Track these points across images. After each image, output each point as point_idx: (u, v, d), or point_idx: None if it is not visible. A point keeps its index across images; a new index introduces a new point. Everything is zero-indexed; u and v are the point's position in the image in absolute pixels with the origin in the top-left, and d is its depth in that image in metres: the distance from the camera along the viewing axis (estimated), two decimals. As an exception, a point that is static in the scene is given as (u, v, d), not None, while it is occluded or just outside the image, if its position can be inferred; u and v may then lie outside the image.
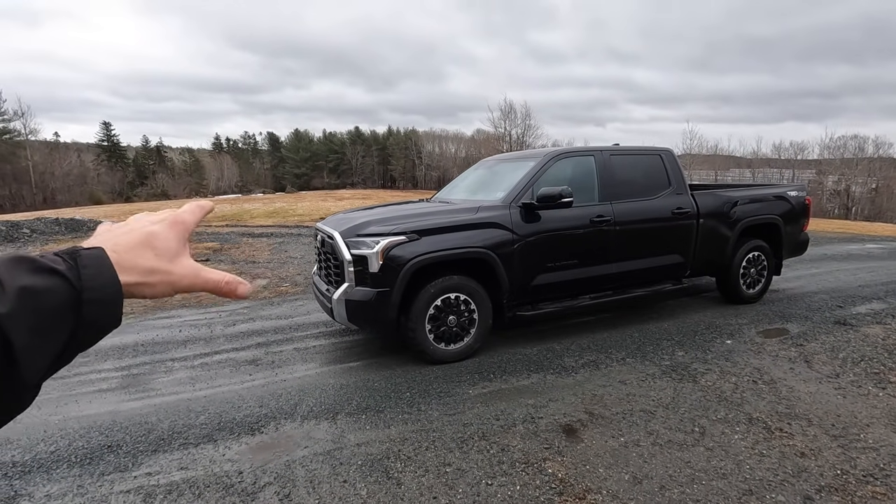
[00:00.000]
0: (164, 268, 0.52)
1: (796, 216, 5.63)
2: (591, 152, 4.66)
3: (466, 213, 4.01)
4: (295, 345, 4.36)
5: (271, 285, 6.61)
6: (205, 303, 5.83)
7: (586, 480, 2.39)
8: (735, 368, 3.68)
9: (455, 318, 3.84)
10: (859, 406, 3.10)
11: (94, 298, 0.45)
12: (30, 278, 0.42)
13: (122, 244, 0.51)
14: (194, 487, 2.39)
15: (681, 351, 4.05)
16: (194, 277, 0.54)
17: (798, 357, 3.90)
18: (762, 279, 5.46)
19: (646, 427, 2.87)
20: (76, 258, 0.46)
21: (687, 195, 4.90)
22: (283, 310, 5.49)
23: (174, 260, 0.53)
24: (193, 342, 4.48)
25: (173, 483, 2.43)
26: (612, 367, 3.74)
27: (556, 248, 4.19)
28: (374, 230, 3.72)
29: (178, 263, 0.54)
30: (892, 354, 3.92)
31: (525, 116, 54.58)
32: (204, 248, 9.35)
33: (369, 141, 75.29)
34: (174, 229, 0.56)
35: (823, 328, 4.57)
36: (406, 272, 3.60)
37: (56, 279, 0.43)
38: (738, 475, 2.41)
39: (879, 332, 4.46)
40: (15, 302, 0.40)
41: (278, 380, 3.64)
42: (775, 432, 2.79)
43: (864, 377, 3.52)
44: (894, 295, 5.79)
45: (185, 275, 0.53)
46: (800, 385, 3.40)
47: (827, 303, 5.44)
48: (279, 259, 8.46)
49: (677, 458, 2.56)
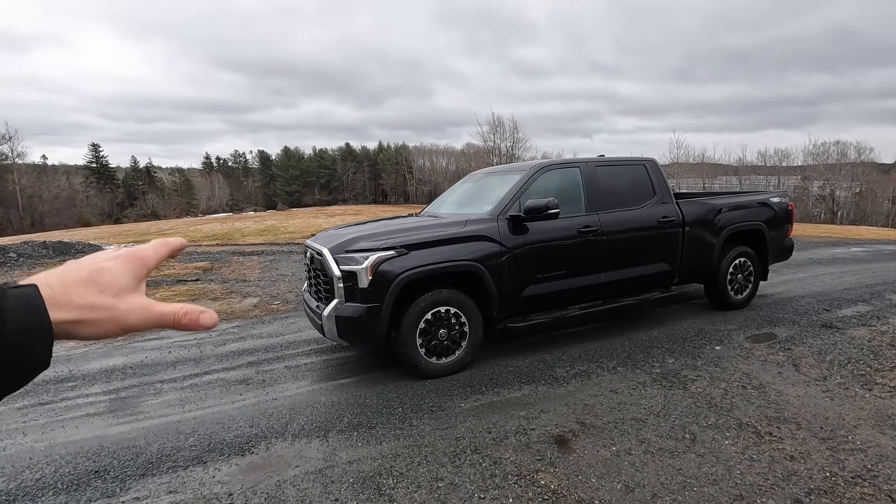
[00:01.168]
0: (107, 303, 0.49)
1: (780, 222, 5.73)
2: (577, 164, 4.73)
3: (455, 226, 4.04)
4: (286, 363, 4.34)
5: (262, 303, 6.58)
6: (195, 323, 5.78)
7: (579, 491, 2.39)
8: (724, 374, 3.71)
9: (446, 332, 3.85)
10: (847, 408, 3.13)
11: (11, 342, 0.42)
12: None
13: (62, 280, 0.48)
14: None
15: (671, 358, 4.08)
16: (145, 312, 0.51)
17: (786, 361, 3.94)
18: (749, 285, 5.53)
19: (637, 435, 2.88)
20: (3, 297, 0.43)
21: (672, 204, 4.98)
22: (274, 328, 5.46)
23: (121, 295, 0.50)
24: (183, 363, 4.44)
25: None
26: (603, 377, 3.76)
27: (545, 260, 4.23)
28: (363, 245, 3.73)
29: (125, 299, 0.50)
30: (877, 356, 3.97)
31: (513, 129, 55.19)
32: (194, 267, 9.30)
33: (360, 157, 75.61)
34: (128, 264, 0.52)
35: (810, 332, 4.63)
36: (395, 287, 3.61)
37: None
38: (729, 481, 2.43)
39: (865, 334, 4.52)
40: None
41: (269, 399, 3.62)
42: (765, 437, 2.81)
43: (850, 379, 3.56)
44: (879, 297, 5.88)
45: (133, 310, 0.50)
46: (788, 389, 3.43)
47: (813, 306, 5.51)
48: (270, 277, 8.43)
49: (669, 466, 2.57)
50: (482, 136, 55.84)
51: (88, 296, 0.48)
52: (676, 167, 48.68)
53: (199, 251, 11.68)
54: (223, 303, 6.68)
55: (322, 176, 73.88)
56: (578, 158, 4.88)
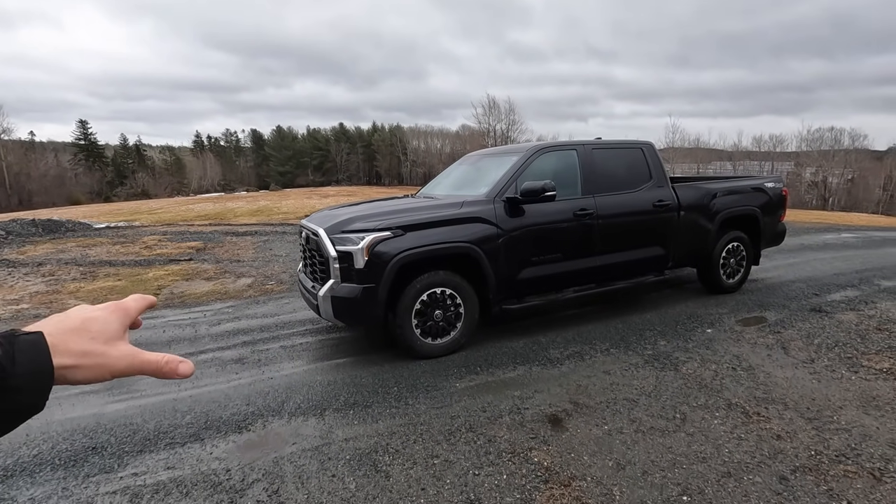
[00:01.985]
0: (98, 350, 0.53)
1: (774, 207, 5.76)
2: (574, 146, 4.71)
3: (451, 208, 4.03)
4: (281, 343, 4.35)
5: (256, 284, 6.56)
6: (188, 303, 5.77)
7: (571, 468, 2.44)
8: (715, 356, 3.77)
9: (441, 313, 3.87)
10: (833, 389, 3.21)
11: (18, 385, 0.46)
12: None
13: (59, 328, 0.52)
14: (182, 486, 2.39)
15: (663, 340, 4.13)
16: (131, 359, 0.55)
17: (775, 344, 4.00)
18: (741, 269, 5.59)
19: (629, 415, 2.94)
20: (14, 343, 0.47)
21: (668, 188, 4.99)
22: (268, 308, 5.46)
23: (110, 343, 0.54)
24: (178, 342, 4.44)
25: (160, 483, 2.43)
26: (597, 358, 3.81)
27: (541, 242, 4.24)
28: (358, 226, 3.72)
29: (114, 346, 0.54)
30: (864, 339, 4.05)
31: (509, 112, 54.83)
32: (187, 247, 9.24)
33: (354, 138, 74.83)
34: (115, 314, 0.57)
35: (800, 315, 4.70)
36: (392, 268, 3.62)
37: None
38: (718, 458, 2.49)
39: (853, 318, 4.60)
40: None
41: (265, 378, 3.64)
42: (753, 416, 2.88)
43: (837, 362, 3.64)
44: (868, 282, 5.97)
45: (122, 356, 0.54)
46: (777, 371, 3.50)
47: (803, 291, 5.59)
48: (264, 257, 8.40)
49: (659, 444, 2.62)
50: (477, 118, 55.52)
51: (82, 343, 0.52)
52: (672, 152, 48.65)
53: (191, 231, 11.59)
54: (217, 283, 6.66)
55: (315, 157, 73.14)
56: (575, 141, 4.86)
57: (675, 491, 2.25)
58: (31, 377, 0.47)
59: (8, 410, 0.46)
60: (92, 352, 0.53)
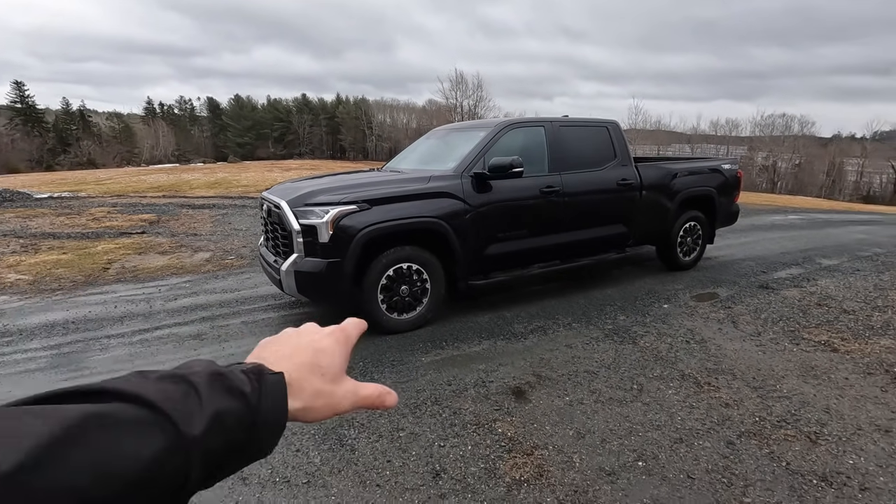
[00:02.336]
0: (327, 390, 0.48)
1: (729, 188, 5.99)
2: (542, 123, 4.71)
3: (418, 182, 3.97)
4: (243, 318, 4.24)
5: (215, 258, 6.34)
6: (142, 277, 5.52)
7: (534, 438, 2.51)
8: (671, 330, 3.93)
9: (408, 289, 3.85)
10: (776, 360, 3.41)
11: (262, 428, 0.41)
12: (222, 401, 0.39)
13: (295, 363, 0.47)
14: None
15: (623, 315, 4.27)
16: (354, 396, 0.50)
17: (726, 318, 4.21)
18: (697, 247, 5.81)
19: (589, 386, 3.04)
20: (261, 382, 0.43)
21: (631, 167, 5.09)
22: (228, 283, 5.29)
23: (337, 380, 0.49)
24: (131, 318, 4.25)
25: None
26: (559, 333, 3.90)
27: (508, 219, 4.25)
28: (323, 199, 3.62)
29: (340, 384, 0.49)
30: (805, 314, 4.31)
31: (476, 88, 54.34)
32: (139, 219, 8.80)
33: (317, 109, 72.50)
34: (340, 346, 0.52)
35: (749, 292, 4.95)
36: (357, 242, 3.55)
37: (240, 403, 0.40)
38: (671, 426, 2.61)
39: (796, 294, 4.89)
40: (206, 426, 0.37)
41: (226, 354, 3.54)
42: (704, 386, 3.03)
43: (781, 335, 3.87)
44: (810, 261, 6.34)
45: (346, 395, 0.49)
46: (727, 343, 3.69)
47: (752, 269, 5.88)
48: (223, 231, 8.10)
49: (617, 414, 2.73)
50: (444, 93, 54.78)
51: (315, 382, 0.48)
52: (634, 133, 49.67)
53: (144, 203, 11.03)
54: (172, 257, 6.39)
55: (276, 128, 70.56)
56: (543, 118, 4.85)
57: (631, 457, 2.36)
58: (271, 423, 0.42)
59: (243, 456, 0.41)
60: (322, 392, 0.47)
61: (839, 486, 2.15)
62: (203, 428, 0.37)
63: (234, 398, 0.40)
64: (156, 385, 0.38)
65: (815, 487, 2.14)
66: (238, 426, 0.40)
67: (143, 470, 0.33)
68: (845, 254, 6.85)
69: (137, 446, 0.33)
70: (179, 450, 0.35)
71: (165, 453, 0.34)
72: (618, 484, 2.18)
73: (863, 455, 2.36)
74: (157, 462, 0.34)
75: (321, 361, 0.49)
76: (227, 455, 0.39)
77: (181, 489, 0.36)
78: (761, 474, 2.23)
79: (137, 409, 0.35)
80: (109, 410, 0.34)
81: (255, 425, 0.41)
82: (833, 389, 3.00)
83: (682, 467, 2.28)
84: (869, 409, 2.77)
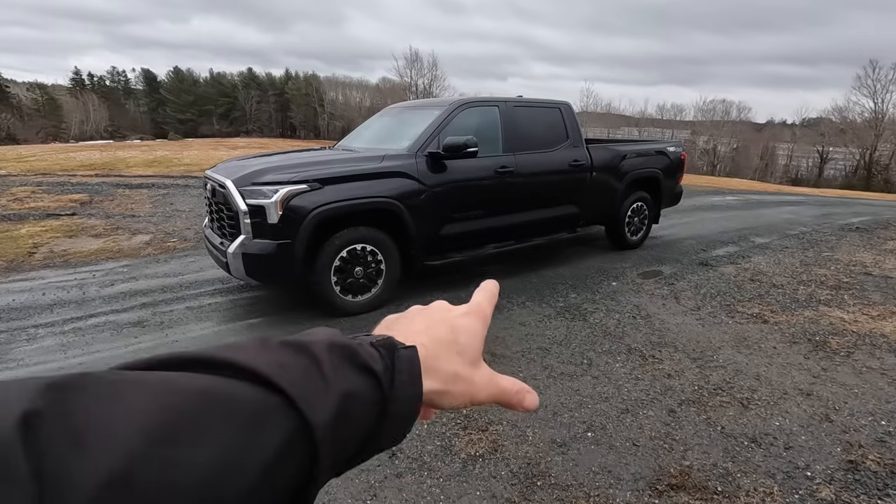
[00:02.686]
0: (467, 374, 0.41)
1: (674, 170, 6.24)
2: (496, 103, 4.70)
3: (371, 161, 3.88)
4: (187, 303, 4.04)
5: (155, 241, 5.99)
6: (73, 262, 5.14)
7: (488, 414, 2.56)
8: (618, 306, 4.10)
9: (362, 270, 3.79)
10: (714, 333, 3.63)
11: (394, 413, 0.35)
12: (353, 379, 0.33)
13: (431, 339, 0.41)
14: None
15: (574, 293, 4.40)
16: (492, 386, 0.43)
17: (669, 294, 4.43)
18: (644, 227, 6.05)
19: (542, 362, 3.12)
20: (393, 357, 0.36)
21: (583, 148, 5.19)
22: (171, 267, 5.02)
23: (476, 363, 0.42)
24: (62, 306, 3.96)
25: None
26: (514, 311, 3.97)
27: (463, 199, 4.25)
28: (271, 178, 3.47)
29: (478, 369, 0.42)
30: (740, 289, 4.60)
31: (432, 66, 53.58)
32: (68, 200, 8.16)
33: (265, 85, 69.21)
34: (479, 324, 0.45)
35: (690, 269, 5.23)
36: (309, 223, 3.45)
37: (371, 382, 0.34)
38: (618, 397, 2.74)
39: (732, 270, 5.20)
40: (335, 410, 0.31)
41: (169, 341, 3.38)
42: (649, 359, 3.19)
43: (718, 309, 4.11)
44: (745, 239, 6.76)
45: (485, 383, 0.42)
46: (670, 318, 3.89)
47: (694, 247, 6.20)
48: (164, 213, 7.66)
49: (568, 388, 2.83)
50: (398, 71, 53.71)
51: (453, 362, 0.41)
52: (586, 116, 50.75)
53: (73, 182, 10.22)
54: (108, 240, 5.98)
55: (221, 104, 66.92)
56: (497, 97, 4.84)
57: (581, 428, 2.46)
58: (404, 405, 0.36)
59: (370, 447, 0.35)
60: (461, 375, 0.41)
61: (766, 447, 2.33)
62: (330, 415, 0.30)
63: (363, 376, 0.34)
64: (276, 354, 0.32)
65: (745, 448, 2.31)
66: (367, 411, 0.34)
67: (262, 468, 0.26)
68: (775, 232, 7.34)
69: (258, 437, 0.27)
70: (305, 440, 0.29)
71: (289, 445, 0.28)
72: (569, 455, 2.27)
73: (787, 417, 2.57)
74: (279, 458, 0.27)
75: (459, 339, 0.42)
76: (355, 445, 0.34)
77: (304, 490, 0.30)
78: (699, 439, 2.38)
79: (254, 388, 0.29)
80: (225, 389, 0.27)
81: (387, 410, 0.35)
82: (763, 358, 3.23)
83: (629, 436, 2.40)
84: (794, 375, 3.00)
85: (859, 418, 2.57)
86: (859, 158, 41.84)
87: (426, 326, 0.43)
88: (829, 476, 2.14)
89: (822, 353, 3.30)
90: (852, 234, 7.31)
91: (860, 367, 3.13)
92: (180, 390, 0.26)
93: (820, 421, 2.54)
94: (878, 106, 41.02)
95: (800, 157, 51.33)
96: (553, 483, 2.09)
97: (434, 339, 0.41)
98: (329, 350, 0.34)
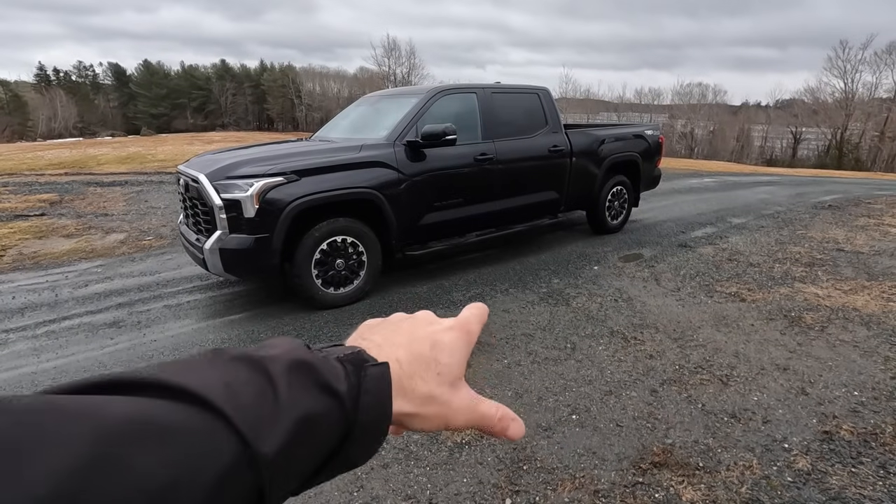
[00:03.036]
0: (443, 396, 0.38)
1: (652, 153, 6.29)
2: (474, 89, 4.66)
3: (349, 151, 3.82)
4: (165, 302, 3.95)
5: (130, 239, 5.84)
6: (44, 264, 4.98)
7: (474, 401, 2.56)
8: (601, 290, 4.13)
9: (343, 262, 3.75)
10: (693, 313, 3.69)
11: (358, 436, 0.33)
12: (311, 401, 0.31)
13: (409, 354, 0.38)
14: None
15: (556, 279, 4.43)
16: (470, 411, 0.40)
17: (650, 277, 4.49)
18: (624, 211, 6.10)
19: (526, 348, 3.14)
20: (361, 375, 0.34)
21: (562, 133, 5.19)
22: (147, 265, 4.91)
23: (455, 385, 0.39)
24: (33, 309, 3.84)
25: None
26: (497, 298, 3.98)
27: (442, 187, 4.22)
28: (246, 171, 3.39)
29: (458, 391, 0.39)
30: (718, 269, 4.68)
31: (410, 55, 53.00)
32: (37, 200, 7.89)
33: (240, 77, 67.69)
34: (462, 342, 0.42)
35: (670, 251, 5.30)
36: (287, 216, 3.39)
37: (333, 403, 0.32)
38: (601, 380, 2.77)
39: (710, 251, 5.29)
40: (286, 436, 0.28)
41: (147, 340, 3.30)
42: (631, 341, 3.23)
43: (698, 289, 4.18)
44: (722, 221, 6.87)
45: (463, 407, 0.39)
46: (650, 300, 3.94)
47: (673, 229, 6.29)
48: (138, 210, 7.46)
49: (552, 372, 2.85)
50: (376, 60, 53.00)
51: (429, 381, 0.38)
52: (565, 102, 50.84)
53: (42, 182, 9.89)
54: (80, 240, 5.81)
55: (195, 97, 65.29)
56: (475, 84, 4.80)
57: (566, 412, 2.48)
58: (370, 427, 0.34)
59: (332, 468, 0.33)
60: (436, 397, 0.38)
61: (745, 421, 2.38)
62: (280, 443, 0.28)
63: (324, 397, 0.32)
64: (224, 372, 0.29)
65: (725, 424, 2.36)
66: (329, 433, 0.32)
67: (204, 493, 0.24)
68: (752, 213, 7.48)
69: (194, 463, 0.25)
70: (248, 470, 0.27)
71: (229, 477, 0.26)
72: (554, 438, 2.29)
73: (765, 392, 2.63)
74: (218, 487, 0.25)
75: (439, 356, 0.39)
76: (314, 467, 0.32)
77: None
78: (681, 417, 2.42)
79: (189, 410, 0.26)
80: (157, 413, 0.25)
81: (351, 433, 0.33)
82: (741, 335, 3.30)
83: (612, 417, 2.43)
84: (770, 351, 3.07)
85: (833, 390, 2.64)
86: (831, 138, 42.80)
87: (407, 340, 0.40)
88: (805, 447, 2.20)
89: (798, 329, 3.38)
90: (825, 212, 7.49)
91: (834, 340, 3.21)
92: (105, 416, 0.24)
93: (796, 394, 2.60)
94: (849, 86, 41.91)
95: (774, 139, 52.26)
96: (539, 466, 2.11)
97: (412, 355, 0.39)
98: (287, 368, 0.31)
